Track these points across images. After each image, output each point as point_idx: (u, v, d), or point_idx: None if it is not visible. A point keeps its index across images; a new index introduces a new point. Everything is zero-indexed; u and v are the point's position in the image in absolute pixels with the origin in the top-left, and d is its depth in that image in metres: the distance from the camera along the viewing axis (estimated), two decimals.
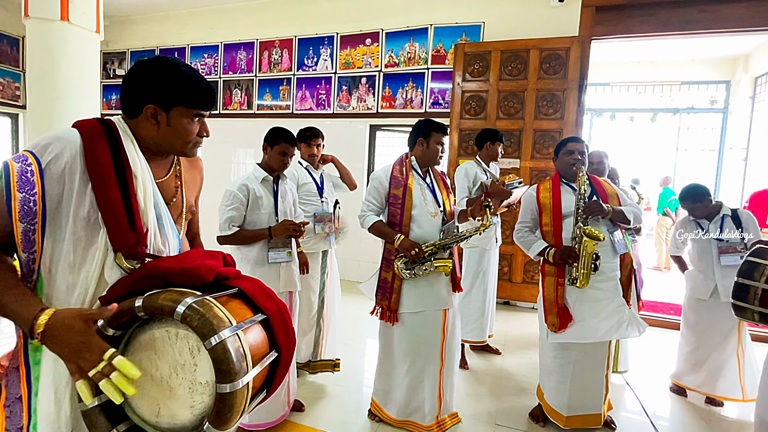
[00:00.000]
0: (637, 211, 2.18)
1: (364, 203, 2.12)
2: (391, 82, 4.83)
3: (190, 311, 0.83)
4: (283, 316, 1.05)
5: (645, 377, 2.97)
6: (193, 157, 1.13)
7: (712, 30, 3.85)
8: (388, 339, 2.13)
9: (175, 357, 0.87)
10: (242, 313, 0.97)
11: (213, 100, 1.06)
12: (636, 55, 7.67)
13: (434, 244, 2.00)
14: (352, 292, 4.59)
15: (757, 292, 1.72)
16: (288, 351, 1.04)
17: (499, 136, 2.95)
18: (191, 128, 1.04)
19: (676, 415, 2.53)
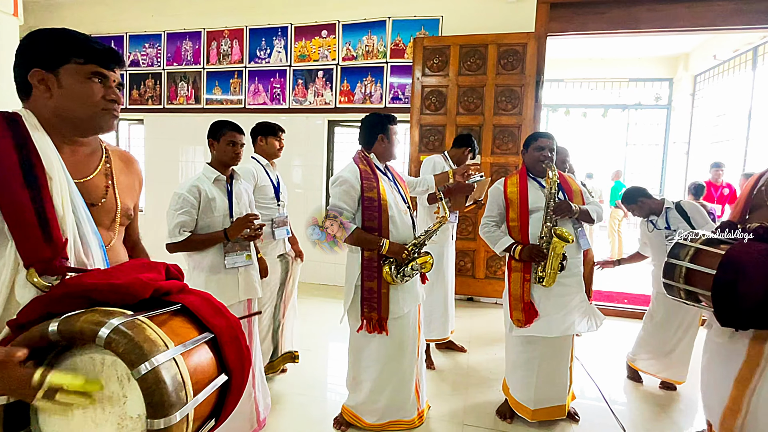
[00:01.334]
0: (600, 210, 2.26)
1: (336, 209, 1.96)
2: (350, 76, 4.73)
3: (115, 335, 0.72)
4: (235, 334, 0.95)
5: (602, 365, 3.09)
6: (109, 130, 1.01)
7: (657, 29, 4.05)
8: (366, 349, 2.03)
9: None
10: (185, 332, 0.87)
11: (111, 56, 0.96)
12: (588, 52, 8.01)
13: (414, 243, 1.97)
14: (314, 295, 4.48)
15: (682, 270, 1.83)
16: (241, 373, 0.95)
17: (474, 146, 3.04)
18: (90, 89, 0.93)
19: (633, 401, 2.65)
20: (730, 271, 1.65)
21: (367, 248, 1.92)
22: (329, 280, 4.84)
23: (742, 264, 1.61)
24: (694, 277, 1.79)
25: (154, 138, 5.37)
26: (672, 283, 1.91)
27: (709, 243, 1.80)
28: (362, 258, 1.95)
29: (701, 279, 1.75)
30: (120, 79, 1.00)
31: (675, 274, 1.88)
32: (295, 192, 4.80)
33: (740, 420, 1.80)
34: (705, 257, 1.76)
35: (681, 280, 1.85)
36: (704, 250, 1.77)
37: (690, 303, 1.86)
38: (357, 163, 2.02)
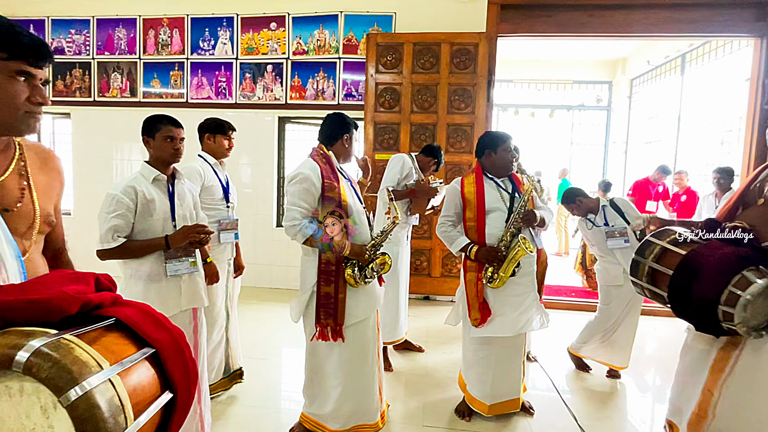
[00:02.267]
0: (550, 216, 2.39)
1: (295, 209, 1.84)
2: (301, 71, 4.63)
3: (37, 358, 0.64)
4: (179, 347, 0.88)
5: (552, 357, 3.24)
6: (30, 133, 0.90)
7: (599, 33, 4.31)
8: (328, 356, 1.97)
9: (20, 421, 0.67)
10: (121, 349, 0.79)
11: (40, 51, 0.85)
12: (536, 54, 8.38)
13: (373, 243, 1.94)
14: (266, 300, 4.34)
15: (646, 268, 1.91)
16: (187, 389, 0.88)
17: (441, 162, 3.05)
18: (13, 89, 0.83)
19: (582, 390, 2.79)
20: (685, 273, 1.73)
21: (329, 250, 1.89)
22: (282, 283, 4.72)
23: (700, 266, 1.69)
24: (658, 276, 1.88)
25: (84, 134, 4.96)
26: (636, 281, 1.99)
27: (677, 242, 1.88)
28: (319, 261, 1.88)
29: (663, 279, 1.83)
30: (47, 76, 0.89)
31: (639, 272, 1.96)
32: (244, 192, 4.63)
33: (705, 426, 1.92)
34: (669, 257, 1.83)
35: (645, 279, 1.93)
36: (670, 250, 1.85)
37: (658, 302, 1.95)
38: (316, 161, 1.94)
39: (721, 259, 1.66)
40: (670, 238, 1.89)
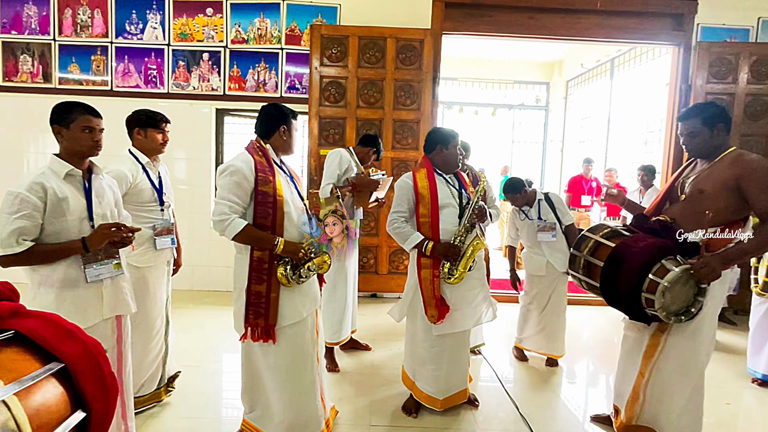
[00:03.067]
0: (497, 212, 2.48)
1: (224, 203, 1.74)
2: (240, 60, 4.44)
3: None
4: (94, 360, 0.80)
5: (496, 348, 3.38)
6: None
7: (537, 35, 4.52)
8: (264, 359, 1.88)
9: None
10: (21, 366, 0.71)
11: None
12: (480, 53, 8.65)
13: (311, 242, 1.88)
14: (204, 303, 4.14)
15: (582, 261, 2.04)
16: (104, 406, 0.80)
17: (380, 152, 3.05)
18: None
19: (523, 379, 2.93)
20: (613, 264, 1.87)
21: (259, 247, 1.78)
22: (221, 285, 4.51)
23: (625, 257, 1.84)
24: (593, 269, 2.00)
25: None
26: (574, 274, 2.11)
27: (609, 236, 2.01)
28: (251, 259, 1.79)
29: (597, 271, 1.96)
30: None
31: (576, 265, 2.08)
32: (180, 189, 4.37)
33: (638, 407, 2.08)
34: (602, 250, 1.97)
35: (582, 272, 2.06)
36: (603, 243, 1.98)
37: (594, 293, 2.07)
38: (251, 153, 1.86)
39: (644, 249, 1.81)
40: (603, 232, 2.03)
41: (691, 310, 1.82)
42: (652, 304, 1.76)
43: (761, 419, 2.58)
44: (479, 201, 2.25)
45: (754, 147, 4.25)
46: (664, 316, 1.78)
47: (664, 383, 1.98)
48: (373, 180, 2.62)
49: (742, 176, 1.78)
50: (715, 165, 1.89)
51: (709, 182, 1.87)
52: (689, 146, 1.96)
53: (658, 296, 1.73)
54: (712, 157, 1.92)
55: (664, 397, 1.99)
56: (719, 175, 1.85)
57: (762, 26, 4.44)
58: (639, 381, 2.05)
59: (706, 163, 1.95)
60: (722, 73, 4.28)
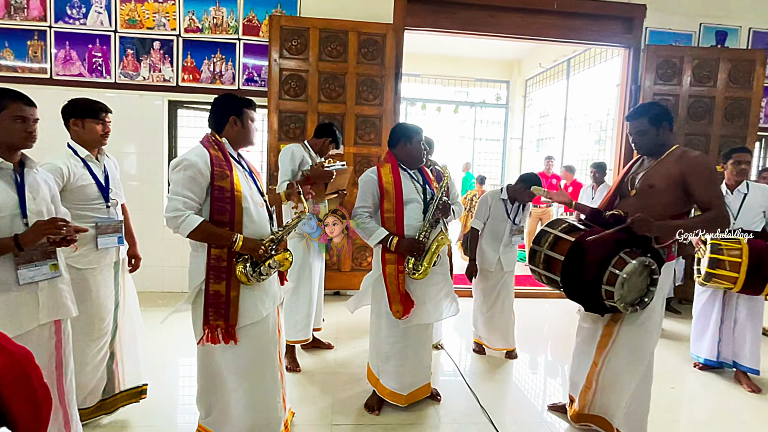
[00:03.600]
0: (460, 209, 2.51)
1: (178, 199, 1.66)
2: (195, 50, 4.26)
3: None
4: (21, 371, 0.74)
5: (457, 343, 3.45)
6: None
7: (497, 34, 4.61)
8: (222, 360, 1.81)
9: None
10: None
11: None
12: (442, 50, 8.74)
13: (272, 238, 1.82)
14: (158, 306, 3.95)
15: (542, 256, 2.10)
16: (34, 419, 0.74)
17: (339, 141, 3.00)
18: None
19: (483, 372, 3.00)
20: (574, 258, 1.94)
21: (217, 245, 1.71)
22: (176, 286, 4.33)
23: (585, 251, 1.91)
24: (553, 263, 2.06)
25: None
26: (534, 268, 2.17)
27: (567, 230, 2.08)
28: (208, 257, 1.72)
29: (557, 265, 2.02)
30: None
31: (536, 259, 2.14)
32: (130, 185, 4.15)
33: (591, 395, 2.17)
34: (561, 244, 2.03)
35: (541, 266, 2.11)
36: (562, 238, 2.05)
37: (553, 287, 2.14)
38: (207, 147, 1.78)
39: (603, 243, 1.89)
40: (562, 227, 2.10)
41: (645, 299, 1.92)
42: (612, 296, 1.84)
43: (703, 401, 2.76)
44: (443, 197, 2.27)
45: (696, 145, 4.53)
46: (622, 306, 1.86)
47: (615, 371, 2.08)
48: (327, 171, 2.57)
49: (687, 172, 1.91)
50: (662, 162, 2.01)
51: (657, 178, 1.98)
52: (639, 144, 2.07)
53: (618, 288, 1.81)
54: (658, 154, 2.04)
55: (615, 385, 2.08)
56: (666, 171, 1.97)
57: (704, 32, 4.74)
58: (592, 370, 2.15)
59: (653, 159, 2.06)
60: (668, 75, 4.54)
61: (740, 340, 2.92)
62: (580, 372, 2.25)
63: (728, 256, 2.73)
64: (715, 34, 4.75)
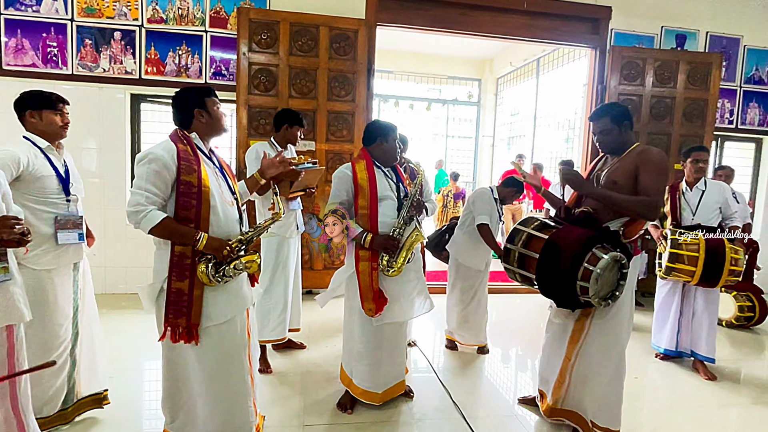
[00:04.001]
0: (434, 206, 2.52)
1: (140, 194, 1.61)
2: (159, 42, 4.12)
3: None
4: None
5: (430, 339, 3.49)
6: None
7: (469, 32, 4.66)
8: (186, 363, 1.76)
9: None
10: None
11: None
12: (415, 47, 8.78)
13: (240, 239, 1.77)
14: (120, 308, 3.82)
15: (516, 254, 2.14)
16: None
17: (299, 119, 2.87)
18: None
19: (455, 367, 3.05)
20: (549, 255, 1.97)
21: (179, 242, 1.66)
22: (118, 288, 4.19)
23: (560, 248, 1.95)
24: (527, 260, 2.10)
25: None
26: (508, 267, 2.20)
27: (540, 228, 2.11)
28: (172, 254, 1.66)
29: (531, 263, 2.06)
30: None
31: (510, 258, 2.16)
32: (90, 182, 3.99)
33: (564, 390, 2.22)
34: (535, 242, 2.06)
35: (516, 264, 2.15)
36: (535, 236, 2.08)
37: (527, 284, 2.17)
38: (175, 142, 1.72)
39: (576, 240, 1.93)
40: (534, 225, 2.14)
41: (616, 293, 1.98)
42: (587, 291, 1.88)
43: (664, 390, 2.90)
44: (417, 194, 2.28)
45: (658, 144, 4.73)
46: (596, 301, 1.92)
47: (588, 365, 2.14)
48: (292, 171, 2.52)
49: (639, 165, 2.01)
50: (623, 159, 2.09)
51: (619, 175, 2.06)
52: (603, 143, 2.14)
53: (592, 283, 1.86)
54: (620, 152, 2.13)
55: (589, 379, 2.15)
56: (627, 167, 2.05)
57: (665, 34, 4.94)
58: (565, 365, 2.20)
59: (615, 157, 2.15)
60: (632, 75, 4.71)
61: (698, 331, 3.08)
62: (550, 367, 2.31)
63: (687, 250, 2.87)
64: (675, 37, 4.96)
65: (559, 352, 2.24)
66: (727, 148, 5.52)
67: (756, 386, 2.95)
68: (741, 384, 2.98)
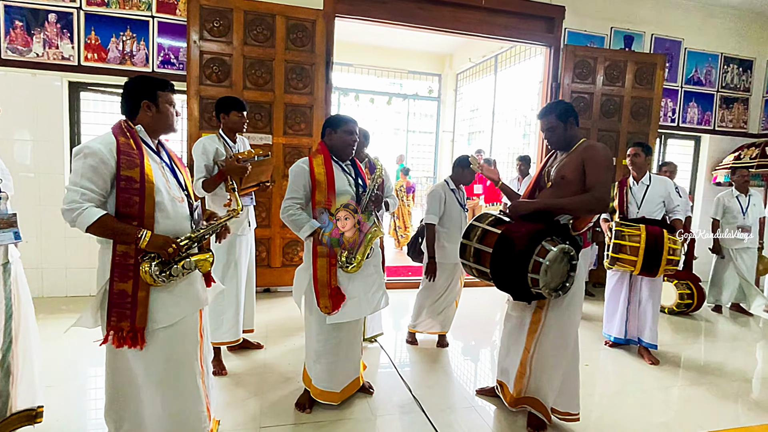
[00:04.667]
0: (395, 202, 2.52)
1: (75, 191, 1.52)
2: (100, 26, 3.87)
3: None
4: None
5: (391, 335, 3.52)
6: None
7: (427, 26, 4.68)
8: (130, 370, 1.67)
9: None
10: None
11: None
12: (376, 40, 8.74)
13: (190, 237, 1.69)
14: (61, 312, 3.59)
15: (471, 250, 2.18)
16: None
17: (232, 103, 2.73)
18: None
19: (416, 362, 3.08)
20: (502, 249, 2.03)
21: (121, 240, 1.58)
22: (82, 290, 3.96)
23: (512, 242, 2.00)
24: (482, 255, 2.14)
25: None
26: (465, 262, 2.24)
27: (494, 223, 2.16)
28: (113, 253, 1.58)
29: (486, 257, 2.11)
30: None
31: (466, 253, 2.21)
32: (23, 177, 3.71)
33: (526, 380, 2.29)
34: (489, 237, 2.11)
35: (472, 259, 2.19)
36: (489, 231, 2.13)
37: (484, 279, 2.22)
38: (116, 135, 1.63)
39: (526, 233, 2.00)
40: (488, 220, 2.19)
41: (566, 284, 2.06)
42: (537, 283, 1.96)
43: (614, 376, 3.06)
44: (376, 189, 2.27)
45: (608, 141, 4.97)
46: (547, 293, 1.99)
47: (546, 354, 2.23)
48: (240, 166, 2.46)
49: (586, 160, 2.10)
50: (571, 154, 2.19)
51: (567, 169, 2.16)
52: (551, 140, 2.24)
53: (542, 275, 1.93)
54: (568, 148, 2.22)
55: (547, 368, 2.23)
56: (574, 162, 2.15)
57: (614, 35, 5.18)
58: (525, 356, 2.28)
59: (564, 153, 2.24)
60: (584, 74, 4.91)
61: (643, 319, 3.27)
62: (509, 358, 2.38)
63: (629, 241, 3.05)
64: (623, 38, 5.22)
65: (518, 344, 2.31)
66: (670, 145, 5.89)
67: (694, 369, 3.18)
68: (681, 367, 3.20)
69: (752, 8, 5.52)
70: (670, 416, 2.52)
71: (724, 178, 5.49)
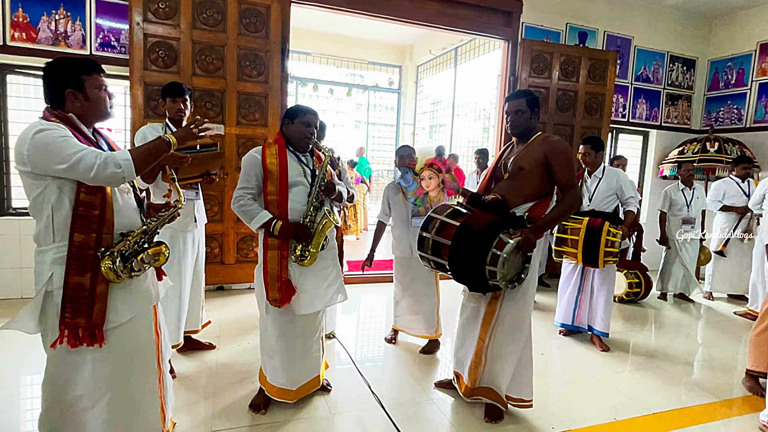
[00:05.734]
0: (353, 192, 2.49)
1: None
2: (28, 3, 3.58)
3: None
4: None
5: (352, 330, 3.48)
6: None
7: (386, 16, 4.65)
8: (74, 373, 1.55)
9: None
10: None
11: None
12: (334, 29, 8.60)
13: (143, 230, 1.61)
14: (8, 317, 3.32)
15: (429, 242, 2.20)
16: None
17: (169, 89, 2.59)
18: None
19: (376, 359, 3.08)
20: (460, 241, 2.05)
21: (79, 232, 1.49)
22: (13, 291, 3.69)
23: (469, 234, 2.02)
24: (441, 247, 2.15)
25: None
26: (423, 254, 2.25)
27: (452, 215, 2.17)
28: (70, 244, 1.48)
29: (444, 249, 2.12)
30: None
31: (424, 246, 2.21)
32: None
33: (481, 370, 2.32)
34: (447, 229, 2.12)
35: (430, 252, 2.19)
36: (447, 223, 2.14)
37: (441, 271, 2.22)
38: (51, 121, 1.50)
39: (484, 226, 2.03)
40: (446, 212, 2.21)
41: (522, 276, 2.11)
42: (495, 275, 1.99)
43: (566, 363, 3.19)
44: (325, 177, 2.23)
45: (563, 135, 5.16)
46: (504, 284, 2.04)
47: (501, 345, 2.29)
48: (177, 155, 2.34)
49: (549, 155, 2.17)
50: (529, 146, 2.25)
51: (526, 161, 2.21)
52: (515, 122, 2.28)
53: (500, 267, 1.97)
54: (526, 138, 2.29)
55: (501, 357, 2.29)
56: (533, 154, 2.21)
57: (569, 31, 5.36)
58: (480, 346, 2.32)
59: (521, 144, 2.29)
60: (541, 68, 5.06)
61: (595, 307, 3.43)
62: (465, 349, 2.42)
63: (571, 234, 3.19)
64: (578, 34, 5.41)
65: (473, 334, 2.36)
66: (621, 139, 6.19)
67: (642, 354, 3.36)
68: (630, 353, 3.38)
69: (694, 9, 5.87)
70: (619, 400, 2.65)
71: (670, 171, 5.83)
